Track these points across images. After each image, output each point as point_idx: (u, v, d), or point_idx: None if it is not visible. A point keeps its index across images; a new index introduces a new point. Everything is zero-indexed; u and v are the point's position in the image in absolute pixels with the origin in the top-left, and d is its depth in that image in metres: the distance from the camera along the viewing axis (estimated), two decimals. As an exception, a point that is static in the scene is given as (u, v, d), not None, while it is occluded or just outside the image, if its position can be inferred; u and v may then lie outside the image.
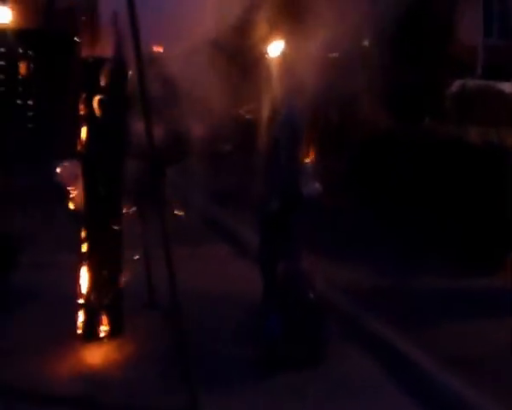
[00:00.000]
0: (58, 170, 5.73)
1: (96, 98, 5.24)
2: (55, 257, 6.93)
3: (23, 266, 6.76)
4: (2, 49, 9.81)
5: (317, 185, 10.28)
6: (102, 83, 5.24)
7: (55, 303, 5.96)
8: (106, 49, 5.38)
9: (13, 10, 5.34)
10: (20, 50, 9.12)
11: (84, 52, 5.43)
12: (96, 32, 5.45)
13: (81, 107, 5.32)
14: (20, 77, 10.57)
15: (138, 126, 4.87)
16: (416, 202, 8.82)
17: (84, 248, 5.39)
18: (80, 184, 5.43)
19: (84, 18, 5.46)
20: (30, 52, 8.42)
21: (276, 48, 6.31)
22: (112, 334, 5.49)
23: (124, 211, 5.59)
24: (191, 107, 5.97)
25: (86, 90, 5.29)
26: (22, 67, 10.89)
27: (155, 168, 4.83)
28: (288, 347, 5.26)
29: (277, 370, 5.20)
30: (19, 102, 8.89)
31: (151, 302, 6.26)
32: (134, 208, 5.90)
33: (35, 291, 6.56)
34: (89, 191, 5.33)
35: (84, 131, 5.31)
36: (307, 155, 11.04)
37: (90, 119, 5.26)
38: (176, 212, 6.53)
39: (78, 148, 5.41)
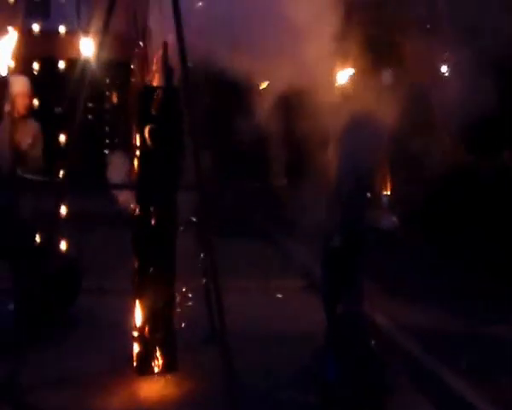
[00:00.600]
0: (119, 196, 5.69)
1: (148, 127, 5.17)
2: (119, 283, 6.86)
3: (85, 292, 6.82)
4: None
5: (394, 219, 9.95)
6: (154, 112, 5.17)
7: (114, 332, 5.86)
8: (155, 78, 5.34)
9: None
10: (107, 80, 9.22)
11: (136, 81, 5.42)
12: (146, 61, 5.40)
13: (134, 136, 5.28)
14: (107, 106, 10.79)
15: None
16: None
17: (137, 279, 5.30)
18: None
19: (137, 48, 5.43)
20: (117, 81, 8.54)
21: (345, 75, 6.13)
22: (166, 369, 5.36)
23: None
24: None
25: (138, 119, 5.24)
26: (111, 96, 11.14)
27: (203, 198, 4.74)
28: (346, 394, 4.99)
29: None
30: (107, 129, 8.97)
31: (213, 337, 6.09)
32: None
33: (94, 318, 6.55)
34: (141, 222, 5.24)
35: (136, 161, 5.25)
36: (384, 187, 10.79)
37: (141, 148, 5.20)
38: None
39: (132, 177, 5.36)
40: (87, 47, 5.76)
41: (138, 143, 5.26)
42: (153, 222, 5.23)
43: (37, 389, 5.23)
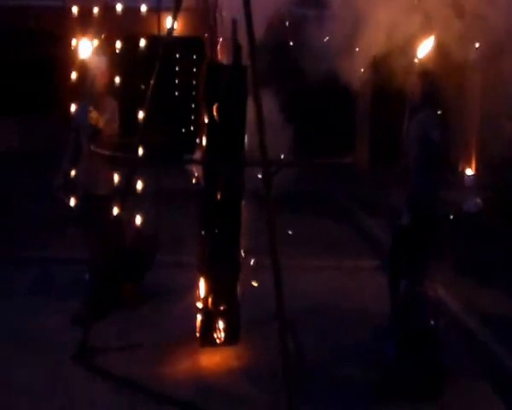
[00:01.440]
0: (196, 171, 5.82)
1: (216, 105, 5.25)
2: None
3: (162, 265, 7.04)
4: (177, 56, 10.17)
5: (478, 200, 9.69)
6: (223, 89, 5.25)
7: (185, 304, 6.02)
8: (225, 55, 5.42)
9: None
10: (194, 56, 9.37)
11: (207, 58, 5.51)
12: (215, 38, 5.48)
13: (202, 113, 5.38)
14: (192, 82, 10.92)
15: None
16: None
17: (201, 252, 5.43)
18: None
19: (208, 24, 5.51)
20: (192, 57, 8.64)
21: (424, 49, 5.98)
22: (228, 341, 5.49)
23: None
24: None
25: (207, 95, 5.33)
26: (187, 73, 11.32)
27: (265, 174, 4.80)
28: (403, 372, 4.96)
29: (392, 397, 4.93)
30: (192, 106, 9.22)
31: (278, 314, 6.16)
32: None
33: (168, 291, 6.75)
34: (207, 197, 5.36)
35: (204, 138, 5.36)
36: (469, 167, 10.43)
37: (209, 125, 5.30)
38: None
39: (199, 154, 5.48)
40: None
41: (206, 120, 5.36)
42: (218, 196, 5.33)
43: (109, 355, 5.54)
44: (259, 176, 5.04)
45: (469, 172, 12.18)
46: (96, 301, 5.74)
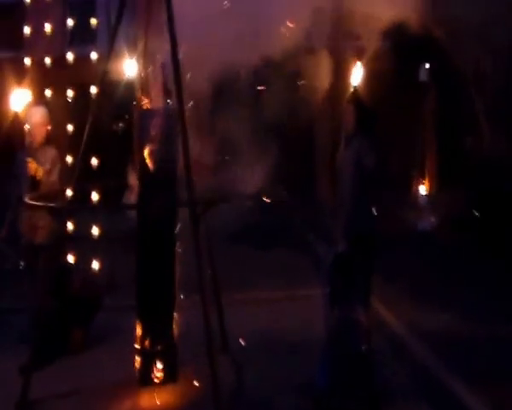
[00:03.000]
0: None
1: (148, 148, 5.39)
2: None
3: (110, 308, 7.11)
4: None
5: (432, 219, 9.86)
6: (153, 133, 5.39)
7: (128, 346, 6.09)
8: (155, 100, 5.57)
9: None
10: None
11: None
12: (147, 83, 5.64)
13: (135, 157, 5.52)
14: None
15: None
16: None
17: (138, 294, 5.53)
18: None
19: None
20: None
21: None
22: (167, 380, 5.56)
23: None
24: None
25: (139, 139, 5.47)
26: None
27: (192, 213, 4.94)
28: (337, 400, 5.04)
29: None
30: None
31: (223, 346, 6.25)
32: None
33: (114, 333, 6.83)
34: (140, 239, 5.47)
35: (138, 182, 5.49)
36: (423, 187, 10.54)
37: (141, 168, 5.43)
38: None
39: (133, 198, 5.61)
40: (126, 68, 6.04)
41: (138, 163, 5.50)
42: (151, 237, 5.45)
43: (51, 404, 5.56)
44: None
45: (423, 190, 12.37)
46: (40, 348, 5.79)
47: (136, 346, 5.57)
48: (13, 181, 6.56)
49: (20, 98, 6.34)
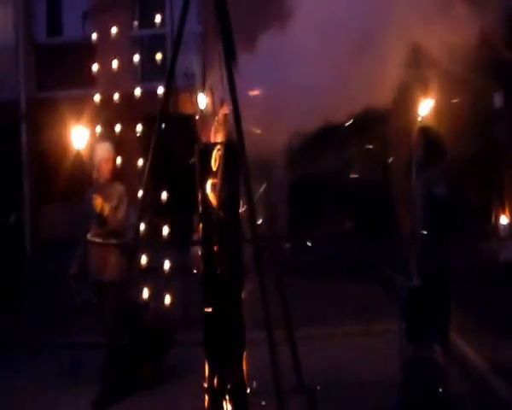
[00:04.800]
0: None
1: (210, 184, 5.28)
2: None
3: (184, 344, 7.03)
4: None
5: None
6: (214, 168, 5.27)
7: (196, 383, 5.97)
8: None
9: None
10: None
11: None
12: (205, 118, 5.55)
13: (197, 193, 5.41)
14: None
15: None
16: None
17: (206, 331, 5.39)
18: None
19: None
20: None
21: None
22: (236, 419, 5.39)
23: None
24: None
25: (200, 176, 5.36)
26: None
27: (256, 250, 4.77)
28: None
29: None
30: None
31: (298, 385, 6.04)
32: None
33: (187, 369, 6.73)
34: (207, 276, 5.35)
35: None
36: (503, 214, 10.24)
37: (203, 204, 5.33)
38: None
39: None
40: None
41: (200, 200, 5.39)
42: (218, 274, 5.32)
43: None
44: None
45: (504, 220, 11.87)
46: (112, 384, 5.76)
47: (205, 384, 5.42)
48: (82, 217, 6.59)
49: (82, 135, 6.37)
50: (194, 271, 5.66)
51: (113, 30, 6.89)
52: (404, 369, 5.08)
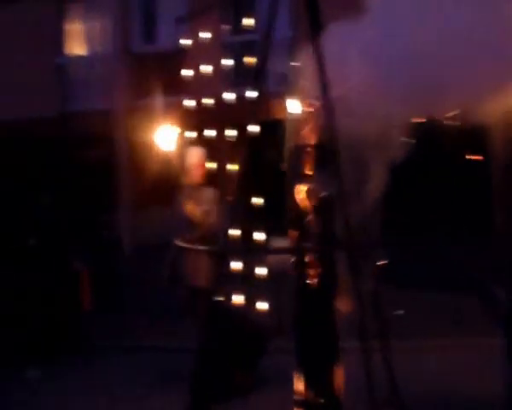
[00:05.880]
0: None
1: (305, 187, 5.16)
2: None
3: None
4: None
5: None
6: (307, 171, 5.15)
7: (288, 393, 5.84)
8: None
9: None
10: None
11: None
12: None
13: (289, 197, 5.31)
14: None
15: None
16: None
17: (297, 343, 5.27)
18: None
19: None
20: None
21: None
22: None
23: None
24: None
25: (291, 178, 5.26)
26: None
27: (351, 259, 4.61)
28: None
29: None
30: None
31: (391, 400, 5.81)
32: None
33: (279, 377, 6.56)
34: (299, 287, 5.23)
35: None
36: None
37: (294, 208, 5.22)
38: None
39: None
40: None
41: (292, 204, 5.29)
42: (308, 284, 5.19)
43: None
44: None
45: None
46: (203, 390, 5.70)
47: (296, 397, 5.28)
48: (173, 222, 6.59)
49: (171, 138, 6.37)
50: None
51: (206, 35, 6.88)
52: (508, 388, 4.77)
